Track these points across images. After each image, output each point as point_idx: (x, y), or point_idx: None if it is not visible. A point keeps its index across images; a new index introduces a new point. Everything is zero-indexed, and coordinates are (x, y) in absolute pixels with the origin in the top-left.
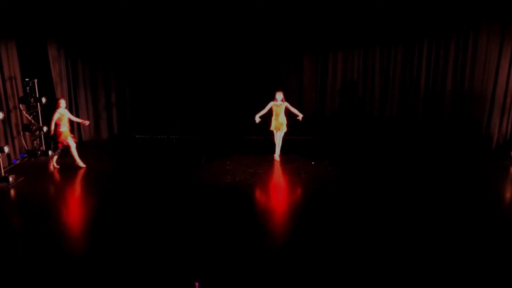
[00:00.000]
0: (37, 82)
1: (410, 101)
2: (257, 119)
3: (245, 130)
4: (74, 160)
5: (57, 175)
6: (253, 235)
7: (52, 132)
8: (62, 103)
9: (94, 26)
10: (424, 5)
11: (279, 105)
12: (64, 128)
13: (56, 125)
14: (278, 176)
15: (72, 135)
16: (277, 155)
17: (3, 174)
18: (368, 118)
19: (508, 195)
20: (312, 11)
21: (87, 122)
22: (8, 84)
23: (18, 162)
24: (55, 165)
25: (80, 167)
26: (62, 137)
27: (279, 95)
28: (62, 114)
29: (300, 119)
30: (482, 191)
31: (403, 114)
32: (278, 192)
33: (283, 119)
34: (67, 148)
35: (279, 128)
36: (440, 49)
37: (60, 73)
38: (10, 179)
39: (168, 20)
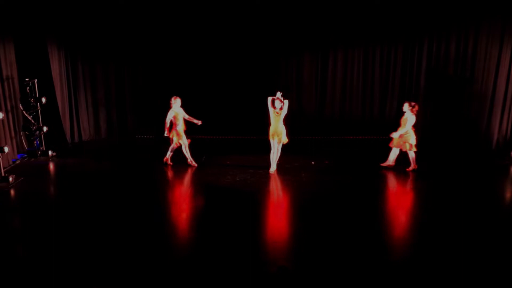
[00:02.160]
0: (36, 82)
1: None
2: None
3: (245, 130)
4: (186, 158)
5: (58, 175)
6: (253, 235)
7: (168, 132)
8: (178, 101)
9: (94, 25)
10: (424, 4)
11: (278, 112)
12: (180, 127)
13: (171, 123)
14: (278, 176)
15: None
16: (272, 169)
17: (3, 174)
18: (368, 117)
19: (508, 195)
20: (312, 9)
21: (199, 122)
22: (6, 84)
23: (18, 162)
24: (169, 162)
25: (192, 166)
26: (177, 136)
27: (278, 103)
28: (177, 113)
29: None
30: (482, 191)
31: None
32: (278, 192)
33: (282, 128)
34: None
35: (279, 138)
36: (440, 48)
37: (60, 73)
38: (10, 179)
39: (168, 18)
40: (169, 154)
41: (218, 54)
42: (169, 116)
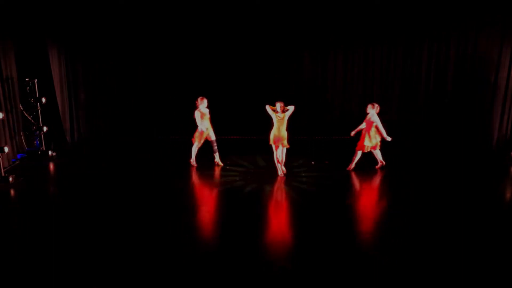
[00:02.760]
0: (36, 82)
1: (410, 101)
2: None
3: (245, 130)
4: (190, 156)
5: (57, 177)
6: (252, 236)
7: (202, 131)
8: (205, 102)
9: (94, 25)
10: (425, 5)
11: (281, 116)
12: (203, 127)
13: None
14: (278, 176)
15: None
16: (280, 171)
17: (3, 174)
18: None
19: (508, 195)
20: (312, 10)
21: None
22: (6, 84)
23: (17, 162)
24: (219, 163)
25: (192, 166)
26: (204, 134)
27: (279, 107)
28: (203, 113)
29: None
30: (482, 191)
31: (403, 114)
32: (278, 192)
33: (285, 133)
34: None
35: (281, 142)
36: (440, 49)
37: (60, 73)
38: (10, 179)
39: (168, 19)
40: (216, 154)
41: (218, 54)
42: (197, 117)
